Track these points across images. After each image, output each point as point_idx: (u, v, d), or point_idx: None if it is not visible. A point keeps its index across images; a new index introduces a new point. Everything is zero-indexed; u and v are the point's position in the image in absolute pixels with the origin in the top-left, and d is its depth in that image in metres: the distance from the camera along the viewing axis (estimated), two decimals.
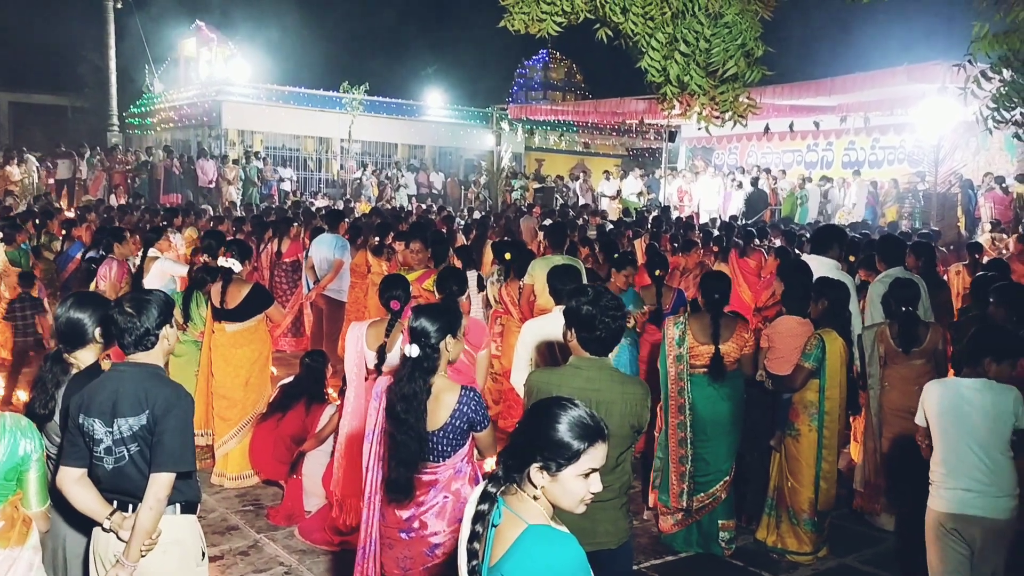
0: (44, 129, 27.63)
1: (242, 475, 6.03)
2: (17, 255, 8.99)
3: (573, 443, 2.14)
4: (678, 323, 5.21)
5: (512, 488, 2.20)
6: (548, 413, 2.19)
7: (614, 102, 20.37)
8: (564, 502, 2.18)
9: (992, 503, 3.70)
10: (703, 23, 5.13)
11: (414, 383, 3.31)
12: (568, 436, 2.15)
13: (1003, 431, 3.72)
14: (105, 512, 2.97)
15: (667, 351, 5.20)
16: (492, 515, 2.17)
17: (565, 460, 2.14)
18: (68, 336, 3.42)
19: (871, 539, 5.46)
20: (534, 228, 13.50)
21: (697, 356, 5.11)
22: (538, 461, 2.15)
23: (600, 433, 2.19)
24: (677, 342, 5.16)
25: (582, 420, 2.18)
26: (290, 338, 9.93)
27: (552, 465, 2.14)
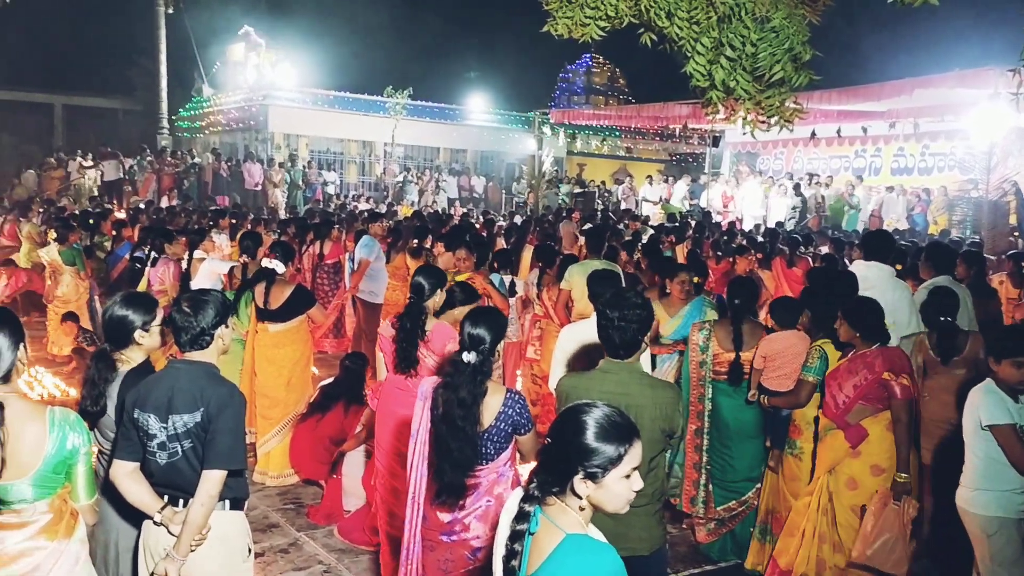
0: (96, 132, 28.31)
1: (283, 474, 6.10)
2: (70, 254, 9.22)
3: (611, 447, 2.11)
4: (703, 329, 5.18)
5: (550, 496, 2.17)
6: (576, 422, 2.15)
7: (657, 106, 20.23)
8: (611, 506, 2.15)
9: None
10: (750, 27, 5.08)
11: (475, 388, 3.33)
12: (604, 441, 2.11)
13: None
14: (157, 506, 3.02)
15: (691, 356, 5.18)
16: (529, 524, 2.16)
17: (609, 464, 2.11)
18: (114, 334, 3.48)
19: None
20: (574, 233, 13.46)
21: (721, 363, 5.08)
22: (580, 472, 2.11)
23: (633, 430, 2.17)
24: (701, 348, 5.14)
25: (613, 421, 2.15)
26: (331, 339, 10.01)
27: (597, 473, 2.10)
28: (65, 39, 28.01)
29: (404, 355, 4.38)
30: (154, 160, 21.63)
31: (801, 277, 9.22)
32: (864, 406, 4.32)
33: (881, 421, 4.31)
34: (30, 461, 2.68)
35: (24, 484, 2.68)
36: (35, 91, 31.46)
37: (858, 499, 4.31)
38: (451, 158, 27.50)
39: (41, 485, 2.72)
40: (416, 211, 17.96)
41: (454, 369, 3.41)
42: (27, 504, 2.71)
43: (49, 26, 25.67)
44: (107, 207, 15.42)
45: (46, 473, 2.72)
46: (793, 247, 10.10)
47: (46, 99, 32.08)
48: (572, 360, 4.83)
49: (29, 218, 12.98)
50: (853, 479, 4.34)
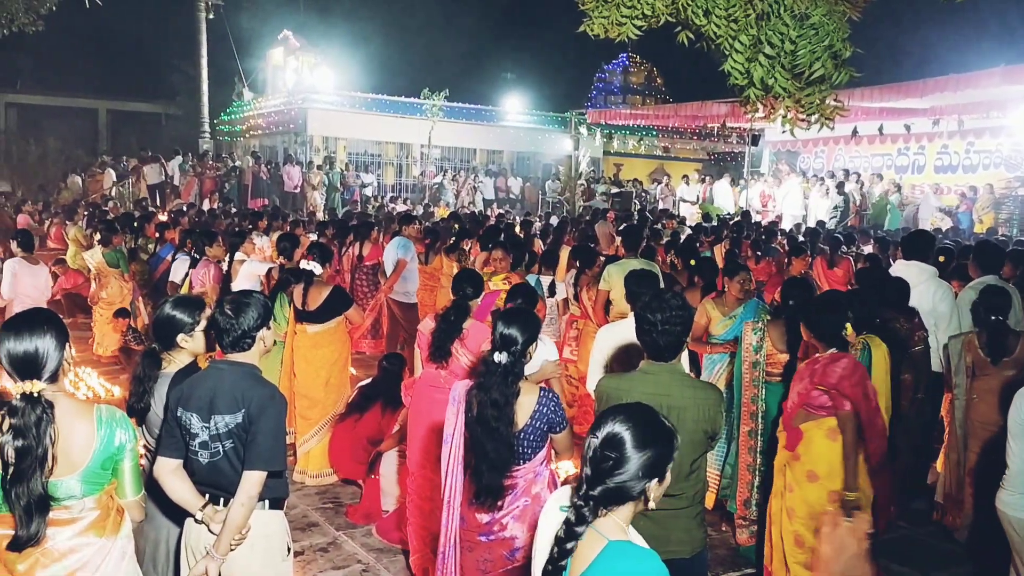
0: (139, 136, 28.86)
1: (322, 473, 6.16)
2: (114, 256, 9.39)
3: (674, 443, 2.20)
4: (756, 329, 5.10)
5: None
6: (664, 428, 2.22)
7: (695, 105, 20.10)
8: (660, 492, 2.20)
9: None
10: (789, 24, 5.02)
11: (507, 389, 3.33)
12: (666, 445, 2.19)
13: None
14: (198, 504, 3.07)
15: (743, 357, 5.10)
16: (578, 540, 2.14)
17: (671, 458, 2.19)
18: (163, 335, 3.55)
19: (954, 556, 5.24)
20: (610, 233, 13.42)
21: (774, 364, 5.01)
22: (656, 478, 2.16)
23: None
24: (755, 348, 5.06)
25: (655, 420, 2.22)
26: (369, 340, 10.08)
27: (664, 472, 2.18)
28: (109, 46, 28.61)
29: (439, 345, 4.53)
30: (196, 164, 21.99)
31: (842, 277, 9.10)
32: (808, 412, 4.19)
33: (821, 427, 4.15)
34: (79, 458, 2.73)
35: (73, 480, 2.73)
36: (80, 96, 32.21)
37: (793, 503, 4.21)
38: (487, 159, 27.55)
39: (89, 481, 2.78)
40: (452, 212, 18.01)
41: (486, 369, 3.42)
42: (76, 500, 2.76)
43: (94, 33, 26.20)
44: (150, 210, 15.68)
45: (94, 469, 2.78)
46: (834, 247, 9.95)
47: (91, 104, 32.82)
48: (610, 360, 4.81)
49: (75, 221, 13.27)
50: (789, 484, 4.26)
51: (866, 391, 4.10)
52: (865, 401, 4.09)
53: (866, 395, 4.10)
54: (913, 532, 5.51)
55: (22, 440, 2.58)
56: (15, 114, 31.59)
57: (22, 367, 2.66)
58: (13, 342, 2.66)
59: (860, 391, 4.07)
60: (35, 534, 2.63)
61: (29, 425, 2.59)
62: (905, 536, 5.43)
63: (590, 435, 2.19)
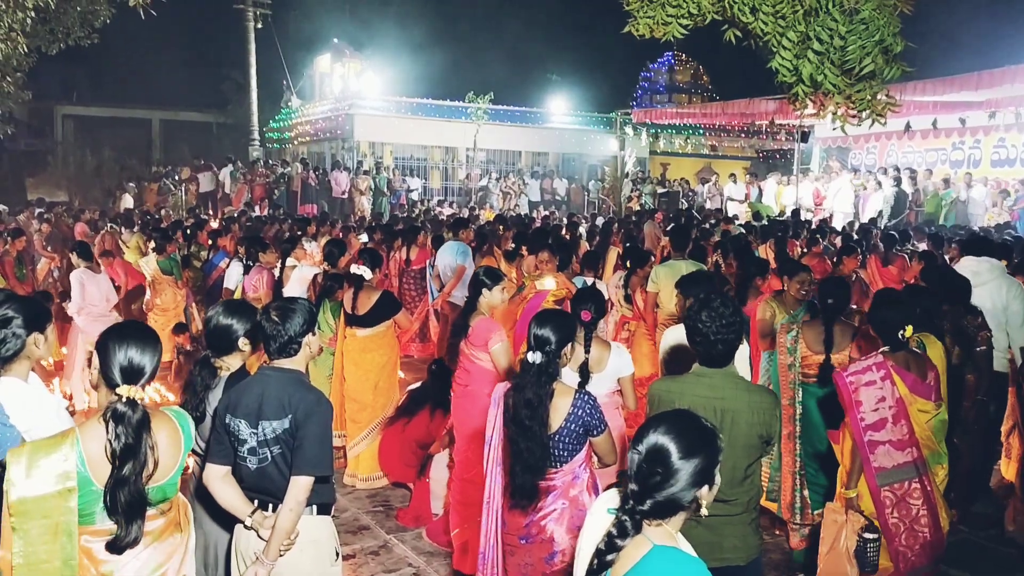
0: (191, 145, 29.48)
1: (372, 476, 6.21)
2: (168, 264, 9.60)
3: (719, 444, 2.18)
4: (791, 330, 5.05)
5: None
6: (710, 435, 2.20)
7: (742, 103, 19.85)
8: (711, 495, 2.18)
9: None
10: (838, 20, 4.92)
11: (540, 389, 3.32)
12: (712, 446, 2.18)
13: None
14: (247, 510, 3.11)
15: (779, 359, 5.04)
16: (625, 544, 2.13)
17: (717, 459, 2.17)
18: (216, 342, 3.60)
19: (1008, 561, 5.09)
20: (657, 234, 13.33)
21: (809, 365, 4.93)
22: (706, 485, 2.14)
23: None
24: (789, 350, 5.00)
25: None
26: (417, 343, 10.15)
27: (714, 476, 2.16)
28: (161, 57, 29.27)
29: (450, 348, 4.85)
30: (246, 171, 22.38)
31: (897, 275, 8.90)
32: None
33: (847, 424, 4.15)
34: (171, 462, 2.80)
35: (168, 484, 2.82)
36: (135, 107, 33.04)
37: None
38: (533, 161, 27.56)
39: (175, 483, 2.87)
40: (498, 215, 18.05)
41: (521, 369, 3.43)
42: (167, 501, 2.86)
43: (146, 45, 26.85)
44: (203, 217, 16.00)
45: (180, 471, 2.87)
46: (889, 244, 9.74)
47: (145, 115, 33.64)
48: (667, 361, 4.77)
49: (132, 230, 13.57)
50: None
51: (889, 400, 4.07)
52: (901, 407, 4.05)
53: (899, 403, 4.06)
54: (972, 535, 5.37)
55: (127, 443, 2.65)
56: (72, 125, 32.49)
57: (129, 373, 2.73)
58: (123, 349, 2.72)
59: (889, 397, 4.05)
60: (136, 536, 2.70)
61: (133, 429, 2.67)
62: (964, 540, 5.29)
63: (632, 449, 2.17)
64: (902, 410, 4.01)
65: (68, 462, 2.61)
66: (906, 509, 4.04)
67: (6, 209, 17.39)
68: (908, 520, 4.04)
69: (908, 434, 4.02)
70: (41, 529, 2.58)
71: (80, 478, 2.64)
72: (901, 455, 4.03)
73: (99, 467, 2.66)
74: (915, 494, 4.05)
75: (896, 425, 4.01)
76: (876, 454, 4.01)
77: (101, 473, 2.66)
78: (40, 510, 2.58)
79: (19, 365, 3.13)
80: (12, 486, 2.56)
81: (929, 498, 4.05)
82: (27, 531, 2.57)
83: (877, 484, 4.02)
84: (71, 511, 2.61)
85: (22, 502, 2.56)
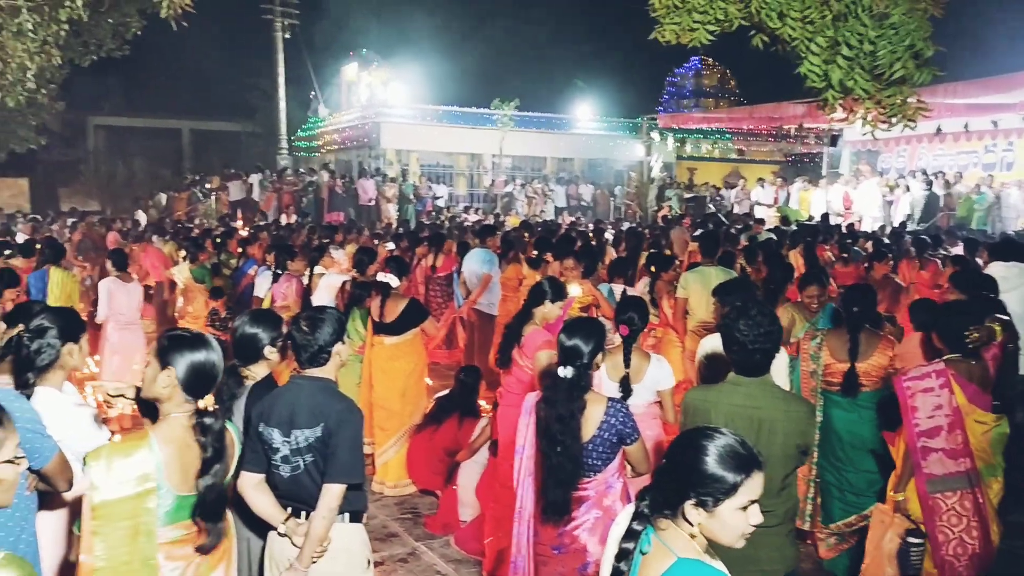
0: (220, 154, 29.85)
1: (400, 483, 6.22)
2: (200, 272, 9.70)
3: (728, 475, 2.02)
4: (815, 337, 5.00)
5: (662, 519, 2.12)
6: (695, 445, 2.07)
7: (771, 107, 19.71)
8: (724, 537, 2.07)
9: None
10: (867, 25, 4.88)
11: (571, 404, 3.30)
12: (721, 468, 2.03)
13: None
14: (281, 517, 3.13)
15: (802, 366, 5.00)
16: (640, 542, 2.11)
17: (722, 495, 2.02)
18: (243, 351, 3.64)
19: None
20: (685, 239, 13.25)
21: (832, 373, 4.87)
22: (692, 498, 2.04)
23: (756, 462, 2.06)
24: (812, 357, 4.95)
25: (734, 450, 2.05)
26: (443, 350, 10.17)
27: (708, 501, 2.03)
28: (191, 67, 29.67)
29: (501, 353, 4.77)
30: (275, 179, 22.59)
31: (930, 280, 8.78)
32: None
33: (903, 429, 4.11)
34: (230, 467, 2.93)
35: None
36: (165, 117, 33.53)
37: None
38: (558, 167, 27.56)
39: (227, 486, 2.97)
40: (524, 221, 18.06)
41: (551, 384, 3.40)
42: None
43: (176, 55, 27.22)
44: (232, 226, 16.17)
45: (232, 476, 2.97)
46: (921, 249, 9.62)
47: (175, 125, 34.15)
48: (710, 370, 4.73)
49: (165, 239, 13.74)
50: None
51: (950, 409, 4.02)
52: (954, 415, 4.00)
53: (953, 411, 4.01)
54: (1011, 545, 5.26)
55: (215, 449, 2.76)
56: (103, 136, 33.04)
57: (205, 383, 2.81)
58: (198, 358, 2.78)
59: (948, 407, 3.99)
60: (220, 535, 2.81)
61: (218, 437, 2.77)
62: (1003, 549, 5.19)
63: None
64: (958, 419, 3.96)
65: (147, 464, 2.68)
66: (956, 519, 3.98)
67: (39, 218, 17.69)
68: (958, 530, 3.99)
69: (963, 444, 3.96)
70: (122, 531, 2.63)
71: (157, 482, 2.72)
72: (954, 464, 3.97)
73: (172, 472, 2.72)
74: (966, 505, 3.99)
75: (951, 434, 3.96)
76: (928, 461, 3.97)
77: (175, 477, 2.72)
78: (121, 512, 2.63)
79: (54, 375, 3.20)
80: (95, 490, 2.62)
81: (980, 510, 3.99)
82: (108, 534, 2.61)
83: (927, 491, 3.99)
84: (150, 512, 2.67)
85: (104, 505, 2.62)
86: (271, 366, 3.69)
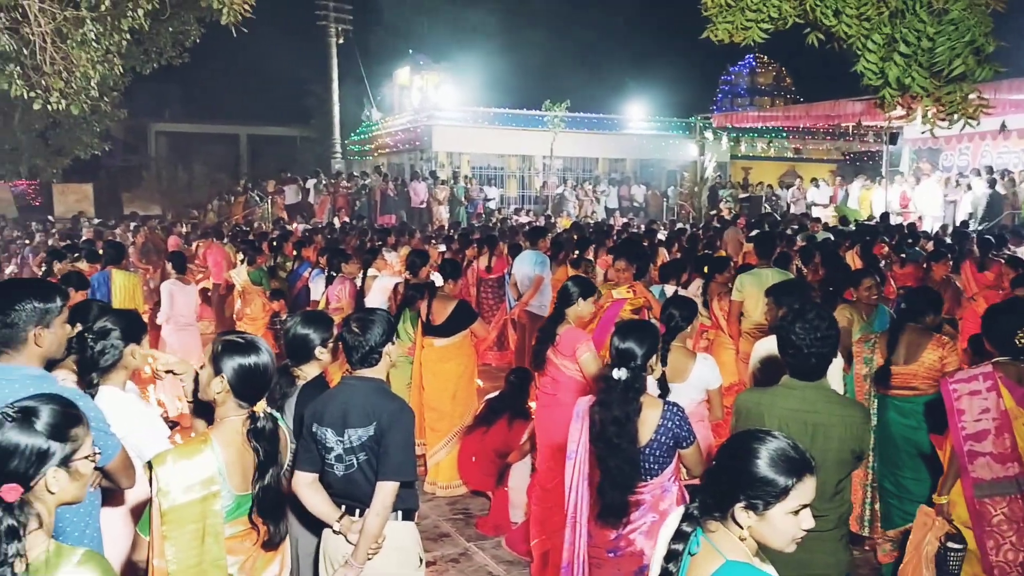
0: (276, 159, 30.40)
1: (452, 484, 6.26)
2: (258, 275, 9.88)
3: (779, 479, 1.99)
4: (868, 340, 4.94)
5: (712, 520, 2.10)
6: (746, 448, 2.05)
7: (827, 105, 19.34)
8: (774, 541, 2.04)
9: None
10: (925, 21, 4.75)
11: (626, 406, 3.29)
12: (772, 471, 2.00)
13: None
14: (335, 515, 3.19)
15: (856, 369, 4.94)
16: (689, 544, 2.10)
17: (772, 498, 1.99)
18: (295, 351, 3.72)
19: None
20: (739, 240, 13.09)
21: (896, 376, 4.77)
22: (742, 500, 2.01)
23: (808, 465, 2.03)
24: (865, 360, 4.89)
25: (785, 453, 2.03)
26: (495, 352, 10.19)
27: (759, 504, 2.00)
28: (247, 74, 30.28)
29: (536, 354, 4.80)
30: (329, 183, 22.92)
31: (993, 281, 8.53)
32: None
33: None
34: (282, 461, 2.97)
35: None
36: (223, 123, 34.27)
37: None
38: (610, 168, 27.44)
39: None
40: (575, 223, 18.02)
41: (605, 386, 3.39)
42: None
43: (233, 62, 27.82)
44: (288, 229, 16.45)
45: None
46: (985, 249, 9.35)
47: (233, 130, 34.90)
48: (766, 373, 4.68)
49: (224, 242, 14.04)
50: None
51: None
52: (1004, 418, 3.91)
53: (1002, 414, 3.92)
54: None
55: (268, 452, 2.80)
56: (164, 142, 33.90)
57: (259, 387, 2.85)
58: (250, 363, 2.83)
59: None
60: (285, 532, 2.87)
61: (271, 440, 2.82)
62: None
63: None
64: (1006, 423, 3.85)
65: (210, 468, 2.73)
66: (1007, 524, 3.87)
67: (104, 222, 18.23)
68: (1008, 536, 3.87)
69: (1011, 448, 3.85)
70: (190, 535, 2.68)
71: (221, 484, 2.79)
72: (1002, 469, 3.86)
73: (233, 473, 2.78)
74: (1016, 510, 3.88)
75: (999, 438, 3.85)
76: (975, 465, 3.87)
77: (235, 479, 2.78)
78: (189, 516, 2.68)
79: (116, 375, 3.30)
80: (164, 495, 2.67)
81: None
82: (177, 538, 2.67)
83: (974, 495, 3.88)
84: (217, 514, 2.72)
85: (172, 510, 2.67)
86: (322, 366, 3.75)
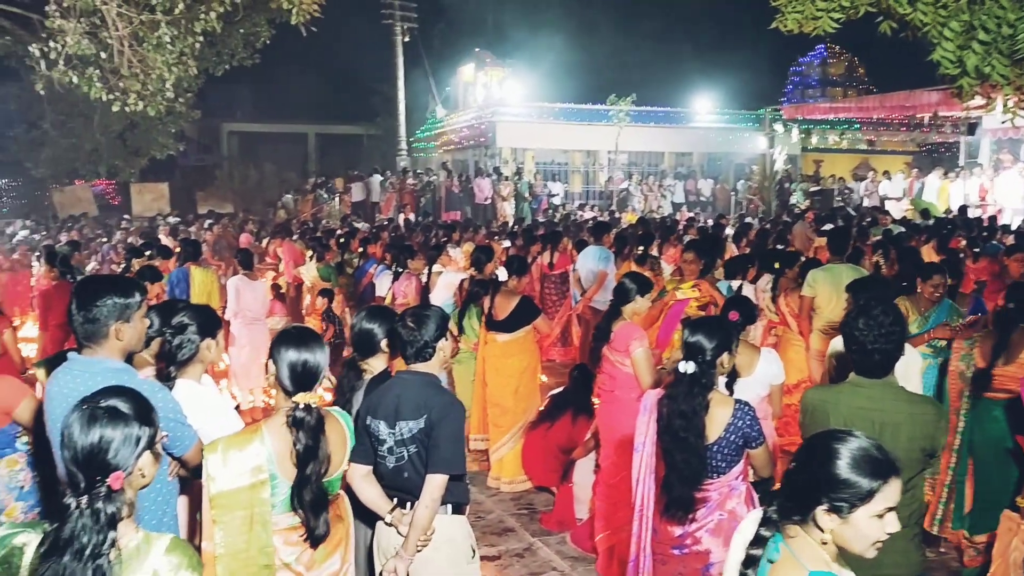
0: (343, 157, 30.90)
1: (516, 479, 6.28)
2: (327, 271, 10.08)
3: (864, 481, 1.94)
4: (969, 338, 4.77)
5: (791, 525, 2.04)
6: (826, 448, 1.99)
7: (902, 95, 18.76)
8: (856, 546, 1.98)
9: None
10: (1006, 7, 4.57)
11: (693, 400, 3.28)
12: (856, 474, 1.94)
13: None
14: (387, 507, 3.24)
15: (951, 366, 4.79)
16: (768, 550, 2.06)
17: (858, 500, 1.94)
18: (361, 345, 3.82)
19: None
20: (808, 234, 12.81)
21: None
22: (824, 503, 1.96)
23: (893, 467, 1.98)
24: (963, 358, 4.73)
25: (868, 454, 1.97)
26: (559, 347, 10.19)
27: (843, 507, 1.94)
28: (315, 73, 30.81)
29: (592, 352, 4.88)
30: (395, 180, 23.20)
31: None
32: None
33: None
34: (339, 459, 3.03)
35: (335, 479, 3.04)
36: (292, 123, 34.97)
37: None
38: (676, 162, 27.12)
39: (339, 478, 3.10)
40: (640, 218, 17.88)
41: (674, 379, 3.39)
42: (334, 494, 3.04)
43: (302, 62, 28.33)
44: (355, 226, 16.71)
45: (344, 467, 3.10)
46: None
47: (301, 129, 35.58)
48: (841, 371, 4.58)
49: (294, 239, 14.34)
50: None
51: None
52: None
53: None
54: None
55: (307, 445, 2.85)
56: (236, 141, 34.76)
57: (303, 379, 2.91)
58: (295, 356, 2.91)
59: None
60: (324, 529, 2.91)
61: (312, 432, 2.86)
62: None
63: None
64: None
65: (259, 456, 2.82)
66: None
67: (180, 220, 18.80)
68: None
69: None
70: (239, 520, 2.79)
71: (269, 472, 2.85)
72: None
73: (284, 463, 2.86)
74: None
75: None
76: None
77: (286, 469, 2.85)
78: (237, 502, 2.79)
79: (193, 368, 3.43)
80: (212, 481, 2.79)
81: None
82: (227, 523, 2.78)
83: None
84: (264, 502, 2.82)
85: (221, 495, 2.78)
86: (388, 359, 3.82)
